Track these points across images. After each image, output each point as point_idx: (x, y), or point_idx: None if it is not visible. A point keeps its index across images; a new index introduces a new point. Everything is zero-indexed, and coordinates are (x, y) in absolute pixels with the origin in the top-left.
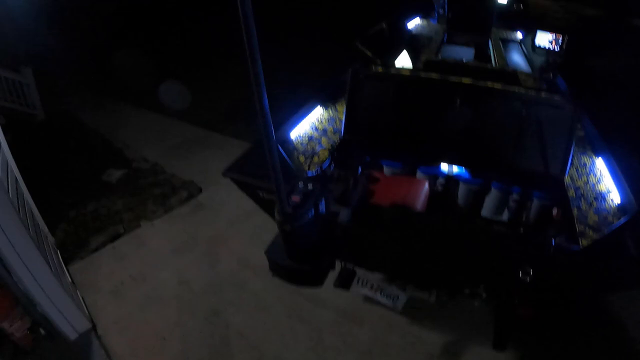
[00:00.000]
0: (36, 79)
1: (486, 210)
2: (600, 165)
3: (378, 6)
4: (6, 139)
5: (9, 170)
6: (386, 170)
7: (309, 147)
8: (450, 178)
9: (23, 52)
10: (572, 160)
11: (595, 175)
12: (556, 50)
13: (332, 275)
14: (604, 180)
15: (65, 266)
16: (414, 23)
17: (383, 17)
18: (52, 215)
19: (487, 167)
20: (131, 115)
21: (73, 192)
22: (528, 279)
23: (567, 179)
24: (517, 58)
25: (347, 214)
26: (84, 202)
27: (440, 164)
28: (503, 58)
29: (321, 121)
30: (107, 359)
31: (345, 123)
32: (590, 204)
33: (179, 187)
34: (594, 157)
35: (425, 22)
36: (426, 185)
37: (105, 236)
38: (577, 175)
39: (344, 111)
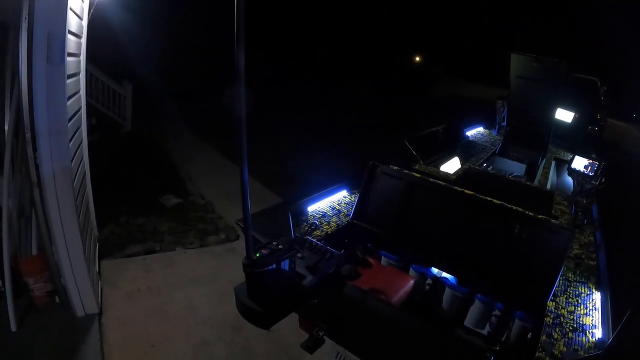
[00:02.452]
0: (135, 96)
1: (469, 320)
2: (596, 299)
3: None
4: (93, 139)
5: (81, 164)
6: (383, 260)
7: (318, 222)
8: (437, 280)
9: (130, 69)
10: (565, 287)
11: (586, 307)
12: (590, 175)
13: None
14: (593, 314)
15: (98, 259)
16: (475, 131)
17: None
18: (105, 215)
19: (473, 279)
20: (204, 152)
21: (130, 202)
22: None
23: (551, 304)
24: (567, 179)
25: (313, 280)
26: (136, 214)
27: (431, 266)
28: (547, 178)
29: (340, 203)
30: (99, 343)
31: (355, 209)
32: (565, 334)
33: (221, 229)
34: (593, 289)
35: (486, 132)
36: (411, 282)
37: (142, 248)
38: (564, 303)
39: (357, 198)
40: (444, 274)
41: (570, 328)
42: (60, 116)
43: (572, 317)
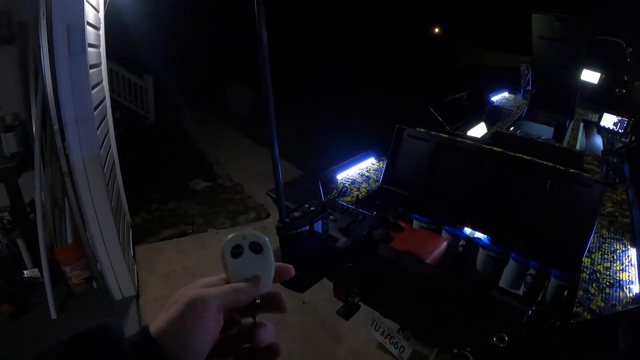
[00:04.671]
0: (155, 88)
1: (504, 281)
2: (632, 255)
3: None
4: (118, 132)
5: (109, 152)
6: (415, 224)
7: (348, 188)
8: (471, 241)
9: (148, 62)
10: (600, 244)
11: (622, 263)
12: (620, 132)
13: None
14: (630, 270)
15: (133, 245)
16: (500, 96)
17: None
18: (137, 203)
19: (506, 237)
20: (229, 137)
21: (160, 190)
22: (502, 345)
23: (587, 260)
24: (596, 141)
25: (346, 242)
26: (166, 200)
27: (463, 227)
28: (575, 139)
29: (369, 170)
30: (138, 324)
31: (384, 174)
32: (602, 290)
33: (251, 208)
34: (629, 246)
35: (511, 97)
36: (444, 243)
37: (175, 231)
38: (600, 259)
39: (385, 163)
40: (477, 235)
41: (607, 284)
42: (86, 105)
43: (608, 273)
